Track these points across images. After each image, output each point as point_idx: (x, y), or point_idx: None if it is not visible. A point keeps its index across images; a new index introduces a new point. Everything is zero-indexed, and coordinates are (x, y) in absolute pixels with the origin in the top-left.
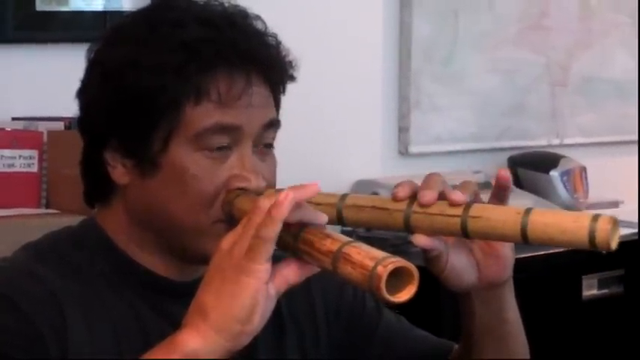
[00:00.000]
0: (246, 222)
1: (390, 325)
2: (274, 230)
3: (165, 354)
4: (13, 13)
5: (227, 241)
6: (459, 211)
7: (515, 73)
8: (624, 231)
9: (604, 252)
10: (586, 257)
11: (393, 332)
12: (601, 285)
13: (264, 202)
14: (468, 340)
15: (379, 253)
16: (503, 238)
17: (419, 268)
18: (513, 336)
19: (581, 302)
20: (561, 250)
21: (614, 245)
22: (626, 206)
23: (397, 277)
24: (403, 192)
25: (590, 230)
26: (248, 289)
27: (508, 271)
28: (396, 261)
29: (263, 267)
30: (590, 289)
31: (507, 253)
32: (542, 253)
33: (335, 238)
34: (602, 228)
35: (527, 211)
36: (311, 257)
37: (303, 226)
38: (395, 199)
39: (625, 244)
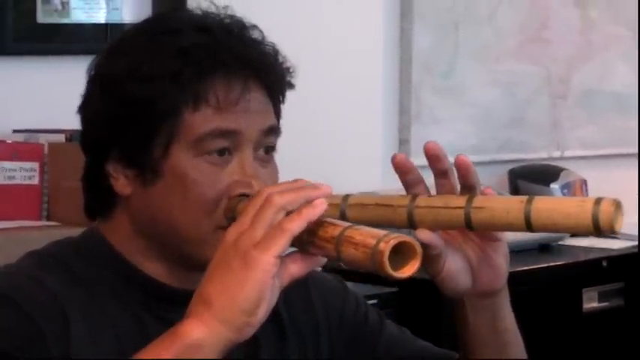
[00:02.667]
0: (255, 214)
1: (393, 336)
2: (299, 227)
3: (169, 344)
4: (13, 25)
5: (231, 233)
6: (462, 202)
7: (516, 86)
8: (624, 244)
9: (605, 263)
10: (586, 270)
11: (395, 343)
12: (601, 298)
13: (278, 198)
14: (465, 351)
15: (381, 232)
16: (508, 227)
17: (420, 280)
18: (510, 346)
19: (582, 315)
20: (562, 262)
21: (617, 227)
22: (627, 219)
23: (400, 255)
24: (400, 157)
25: (593, 213)
26: (255, 281)
27: (501, 281)
28: (398, 236)
29: (274, 260)
30: (591, 302)
31: (502, 262)
32: (543, 265)
33: (337, 225)
34: (606, 210)
35: (530, 199)
36: (315, 247)
37: None
38: (397, 168)
39: (625, 256)
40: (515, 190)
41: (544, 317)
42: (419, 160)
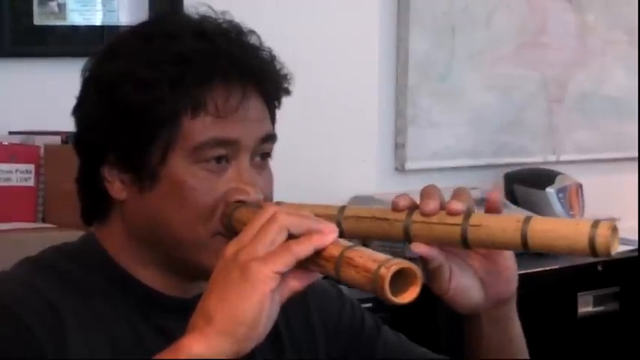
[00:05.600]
0: (261, 229)
1: (390, 342)
2: (306, 252)
3: (171, 358)
4: (10, 28)
5: (231, 248)
6: (458, 219)
7: (512, 90)
8: (620, 248)
9: (600, 267)
10: (581, 274)
11: (392, 349)
12: (596, 302)
13: (285, 218)
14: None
15: (381, 256)
16: (504, 246)
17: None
18: (519, 353)
19: (577, 319)
20: (557, 266)
21: (613, 251)
22: (622, 223)
23: (400, 279)
24: (403, 202)
25: (590, 236)
26: (254, 293)
27: (513, 285)
28: (399, 262)
29: (273, 274)
30: (586, 306)
31: (510, 265)
32: (538, 270)
33: (336, 244)
34: (602, 234)
35: (527, 219)
36: (314, 264)
37: None
38: (395, 209)
39: (620, 261)
40: (511, 194)
41: (539, 321)
42: (414, 164)
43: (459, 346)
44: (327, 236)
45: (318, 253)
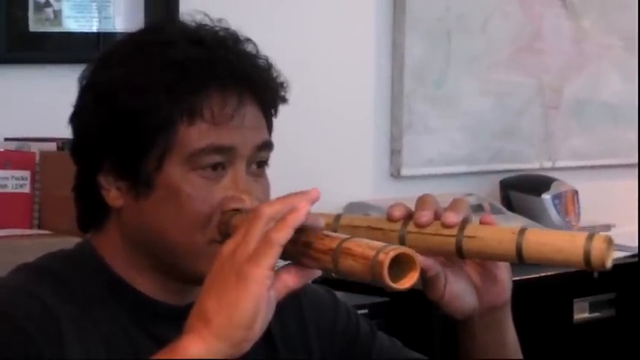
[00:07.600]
0: (248, 228)
1: (385, 348)
2: (286, 236)
3: (167, 358)
4: (5, 34)
5: (228, 247)
6: (453, 230)
7: (508, 96)
8: (615, 254)
9: (596, 274)
10: (577, 280)
11: (387, 355)
12: (592, 308)
13: (267, 209)
14: None
15: (379, 243)
16: (499, 257)
17: (411, 290)
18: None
19: (573, 325)
20: (553, 272)
21: (608, 264)
22: (618, 229)
23: (399, 266)
24: (399, 212)
25: (585, 249)
26: (251, 295)
27: (507, 293)
28: (397, 248)
29: (267, 272)
30: (582, 313)
31: (504, 275)
32: (534, 276)
33: (334, 237)
34: (598, 247)
35: (522, 230)
36: (311, 259)
37: (301, 230)
38: (390, 219)
39: (616, 267)
40: (506, 201)
41: (535, 327)
42: (410, 170)
43: (454, 352)
44: (300, 212)
45: (315, 247)
